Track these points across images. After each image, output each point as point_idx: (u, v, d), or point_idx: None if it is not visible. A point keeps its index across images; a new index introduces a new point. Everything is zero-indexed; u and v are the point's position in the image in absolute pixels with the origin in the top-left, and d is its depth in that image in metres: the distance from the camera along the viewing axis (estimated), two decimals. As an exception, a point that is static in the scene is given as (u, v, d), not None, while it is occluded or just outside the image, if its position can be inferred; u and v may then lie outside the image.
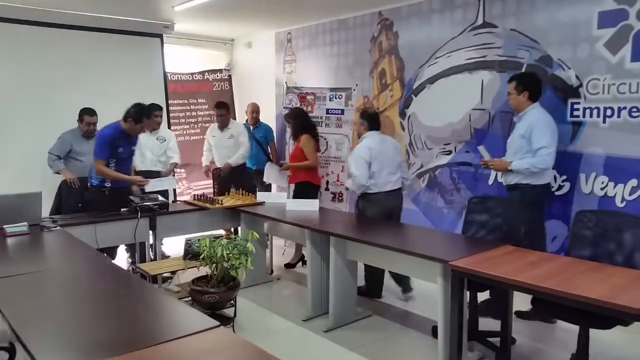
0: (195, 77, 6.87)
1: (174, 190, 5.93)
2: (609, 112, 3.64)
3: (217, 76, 7.04)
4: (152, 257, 4.18)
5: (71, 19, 5.38)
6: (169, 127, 6.03)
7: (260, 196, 4.68)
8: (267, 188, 5.58)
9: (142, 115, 4.10)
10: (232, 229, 5.10)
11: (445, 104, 4.58)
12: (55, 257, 3.02)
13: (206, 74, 6.96)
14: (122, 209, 4.09)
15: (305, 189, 4.85)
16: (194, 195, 4.82)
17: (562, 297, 2.30)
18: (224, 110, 5.42)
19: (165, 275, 4.13)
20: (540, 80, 3.70)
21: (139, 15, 5.68)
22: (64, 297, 2.28)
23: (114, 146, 4.09)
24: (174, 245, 5.03)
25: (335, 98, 5.23)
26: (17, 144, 5.10)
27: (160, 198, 4.22)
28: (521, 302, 3.31)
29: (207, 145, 5.62)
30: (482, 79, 4.31)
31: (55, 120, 4.90)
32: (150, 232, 4.05)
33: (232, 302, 3.44)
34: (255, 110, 5.63)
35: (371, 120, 4.07)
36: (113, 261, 3.56)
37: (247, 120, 5.72)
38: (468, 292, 2.95)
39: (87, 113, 4.63)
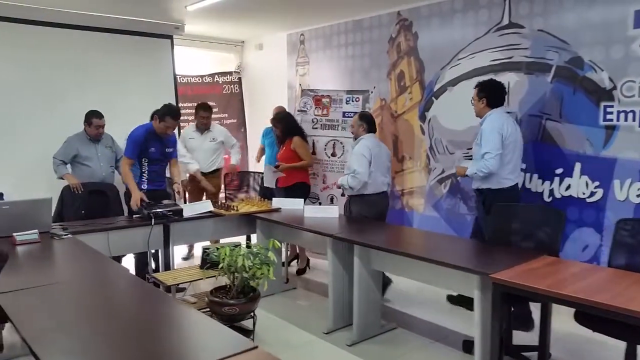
0: (205, 79, 6.72)
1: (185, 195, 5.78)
2: (645, 116, 3.49)
3: (227, 79, 6.88)
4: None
5: (78, 19, 5.21)
6: (179, 131, 5.87)
7: (276, 202, 4.52)
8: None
9: (166, 115, 4.01)
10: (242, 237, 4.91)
11: (468, 107, 4.37)
12: (69, 267, 2.85)
13: (216, 76, 6.80)
14: (134, 216, 3.95)
15: (300, 189, 4.81)
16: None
17: (614, 313, 2.15)
18: (209, 112, 5.26)
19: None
20: (503, 87, 3.75)
21: (150, 16, 5.52)
22: (82, 312, 2.10)
23: (144, 146, 4.05)
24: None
25: (352, 101, 5.07)
26: (24, 147, 4.92)
27: (169, 202, 4.07)
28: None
29: (183, 151, 5.02)
30: (508, 81, 4.15)
31: (63, 123, 4.73)
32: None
33: (251, 314, 3.29)
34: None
35: (370, 122, 4.20)
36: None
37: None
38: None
39: (95, 116, 4.46)
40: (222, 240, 4.50)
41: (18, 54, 4.98)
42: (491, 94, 3.67)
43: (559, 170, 3.92)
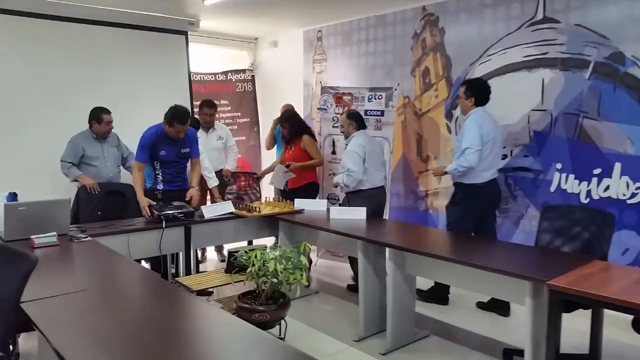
0: (218, 77, 6.54)
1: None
2: (692, 113, 3.33)
3: (240, 77, 6.70)
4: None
5: (89, 13, 5.02)
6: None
7: (299, 203, 4.35)
8: None
9: (173, 120, 3.79)
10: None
11: (499, 105, 4.20)
12: (94, 272, 2.66)
13: (229, 74, 6.62)
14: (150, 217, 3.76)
15: (311, 189, 4.75)
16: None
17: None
18: (214, 109, 5.02)
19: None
20: (489, 87, 3.81)
21: (164, 11, 5.35)
22: (119, 324, 1.92)
23: (154, 148, 3.85)
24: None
25: (375, 98, 4.90)
26: (33, 145, 4.73)
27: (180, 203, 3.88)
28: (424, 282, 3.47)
29: (206, 163, 4.64)
30: (542, 77, 3.99)
31: (72, 121, 4.49)
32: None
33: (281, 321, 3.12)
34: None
35: (359, 120, 4.25)
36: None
37: None
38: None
39: (104, 112, 4.26)
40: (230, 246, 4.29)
41: (26, 48, 4.80)
42: (480, 93, 3.75)
43: (597, 171, 3.76)
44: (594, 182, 3.78)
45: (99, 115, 4.25)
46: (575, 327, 2.89)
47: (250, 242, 4.60)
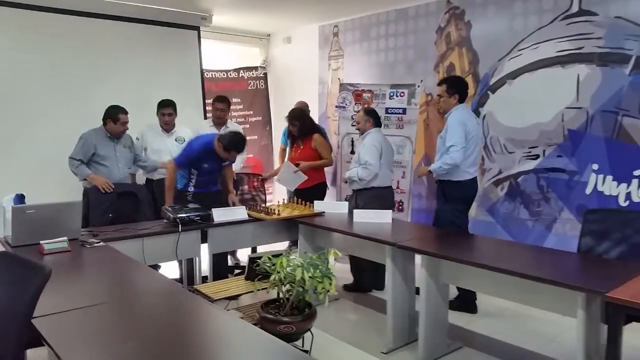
0: (230, 74, 6.34)
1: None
2: None
3: (253, 74, 6.50)
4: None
5: (100, 7, 4.82)
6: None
7: (319, 205, 4.14)
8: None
9: (231, 149, 3.79)
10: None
11: (530, 102, 4.05)
12: (110, 282, 2.46)
13: (241, 71, 6.43)
14: (165, 220, 3.57)
15: (320, 189, 4.63)
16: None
17: None
18: (225, 104, 4.79)
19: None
20: (467, 83, 3.81)
21: (176, 5, 5.15)
22: (136, 339, 1.73)
23: (198, 161, 3.87)
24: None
25: (397, 96, 4.69)
26: (39, 146, 4.54)
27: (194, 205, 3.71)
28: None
29: None
30: (577, 73, 3.79)
31: (80, 119, 4.32)
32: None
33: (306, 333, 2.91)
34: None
35: (376, 117, 4.21)
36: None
37: None
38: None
39: (121, 111, 4.06)
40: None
41: (33, 43, 4.60)
42: (461, 90, 3.71)
43: (638, 172, 3.55)
44: (635, 184, 3.57)
45: (115, 115, 4.03)
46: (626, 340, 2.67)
47: (254, 250, 4.41)
